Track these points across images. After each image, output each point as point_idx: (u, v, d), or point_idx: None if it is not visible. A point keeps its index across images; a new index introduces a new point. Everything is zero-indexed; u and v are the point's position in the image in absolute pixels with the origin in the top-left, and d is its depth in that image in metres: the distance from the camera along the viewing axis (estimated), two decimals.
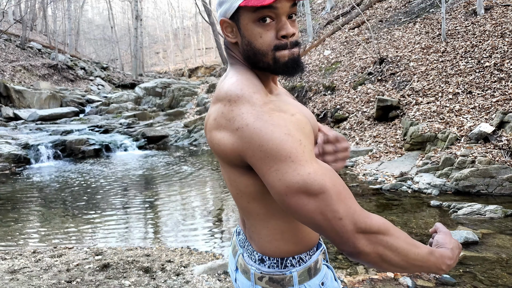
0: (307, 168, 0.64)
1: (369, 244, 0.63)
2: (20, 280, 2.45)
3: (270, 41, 0.73)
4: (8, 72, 15.56)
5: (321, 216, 0.63)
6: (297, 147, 0.65)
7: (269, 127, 0.67)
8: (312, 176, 0.64)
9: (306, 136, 0.68)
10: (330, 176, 0.65)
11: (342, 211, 0.63)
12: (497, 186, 4.10)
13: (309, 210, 0.64)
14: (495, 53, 6.22)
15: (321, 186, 0.63)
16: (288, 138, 0.66)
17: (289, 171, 0.64)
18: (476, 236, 2.98)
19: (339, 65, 9.60)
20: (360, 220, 0.63)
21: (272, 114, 0.69)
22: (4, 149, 7.33)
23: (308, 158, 0.65)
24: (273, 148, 0.65)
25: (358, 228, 0.63)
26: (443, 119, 5.56)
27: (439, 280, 2.39)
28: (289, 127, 0.67)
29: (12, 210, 4.53)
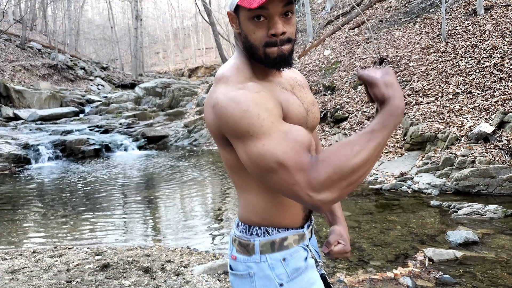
0: (263, 141, 0.70)
1: (330, 193, 0.66)
2: (20, 280, 2.45)
3: (261, 38, 0.79)
4: (8, 72, 15.56)
5: (280, 183, 0.69)
6: (255, 121, 0.71)
7: (231, 105, 0.73)
8: (265, 148, 0.69)
9: (266, 110, 0.73)
10: (286, 145, 0.69)
11: (298, 178, 0.67)
12: (497, 186, 4.10)
13: (271, 178, 0.70)
14: (495, 53, 6.22)
15: (274, 156, 0.68)
16: (246, 114, 0.71)
17: (249, 144, 0.71)
18: (476, 236, 2.98)
19: (339, 65, 9.60)
20: (313, 183, 0.65)
21: (237, 92, 0.75)
22: (4, 149, 7.32)
23: (266, 131, 0.70)
24: (235, 124, 0.72)
25: (313, 187, 0.65)
26: (443, 119, 5.56)
27: (439, 280, 2.39)
28: (249, 103, 0.73)
29: (12, 210, 4.53)
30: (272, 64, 0.81)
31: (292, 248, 0.88)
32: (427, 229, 3.31)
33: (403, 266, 2.60)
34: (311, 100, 0.95)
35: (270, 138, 0.70)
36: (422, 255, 2.72)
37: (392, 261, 2.72)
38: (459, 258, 2.65)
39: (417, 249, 2.87)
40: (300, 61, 11.45)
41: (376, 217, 3.71)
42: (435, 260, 2.63)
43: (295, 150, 0.68)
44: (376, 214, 3.79)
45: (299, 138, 0.72)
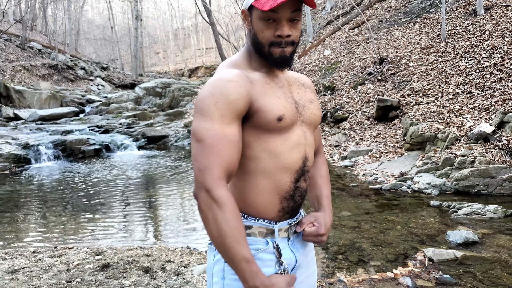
0: (206, 124, 0.82)
1: (204, 203, 0.79)
2: (20, 280, 2.46)
3: (268, 37, 0.89)
4: (8, 72, 15.56)
5: (193, 160, 0.83)
6: (211, 106, 0.83)
7: (206, 87, 0.86)
8: (203, 129, 0.82)
9: (226, 102, 0.83)
10: (218, 140, 0.81)
11: (203, 165, 0.81)
12: (497, 186, 4.10)
13: (192, 152, 0.84)
14: (495, 53, 6.22)
15: (202, 138, 0.82)
16: (209, 97, 0.84)
17: (197, 120, 0.84)
18: (476, 236, 2.98)
19: (339, 65, 9.60)
20: (208, 182, 0.79)
21: (217, 76, 0.88)
22: (4, 149, 7.32)
23: (214, 117, 0.82)
24: (200, 100, 0.85)
25: (205, 185, 0.79)
26: (443, 119, 5.56)
27: (439, 280, 2.39)
28: (216, 89, 0.84)
29: (12, 210, 4.53)
30: (273, 62, 0.91)
31: (253, 237, 0.90)
32: (427, 229, 3.31)
33: (403, 266, 2.60)
34: (309, 98, 1.01)
35: (211, 128, 0.81)
36: (422, 255, 2.73)
37: (392, 261, 2.72)
38: (459, 258, 2.65)
39: (417, 249, 2.87)
40: (300, 61, 11.45)
41: (376, 217, 3.71)
42: (435, 260, 2.63)
43: (223, 156, 0.81)
44: (376, 214, 3.79)
45: (225, 153, 0.81)
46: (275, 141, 0.90)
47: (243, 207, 0.92)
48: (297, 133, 0.94)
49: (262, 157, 0.90)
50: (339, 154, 6.46)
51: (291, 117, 0.91)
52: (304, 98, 0.99)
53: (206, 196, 0.79)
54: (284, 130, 0.91)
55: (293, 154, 0.92)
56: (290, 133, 0.92)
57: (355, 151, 6.17)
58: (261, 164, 0.90)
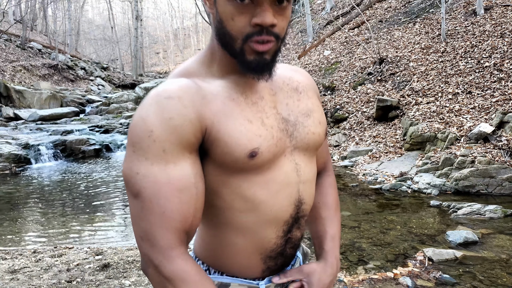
0: (141, 167, 0.57)
1: (157, 282, 0.59)
2: (20, 280, 2.46)
3: (241, 27, 0.59)
4: (9, 72, 15.57)
5: (132, 221, 0.60)
6: (143, 137, 0.57)
7: (138, 109, 0.60)
8: (138, 177, 0.57)
9: (166, 129, 0.57)
10: (159, 191, 0.56)
11: (144, 231, 0.58)
12: (496, 186, 4.10)
13: (129, 208, 0.60)
14: (495, 53, 6.22)
15: (138, 191, 0.57)
16: (140, 124, 0.57)
17: (127, 160, 0.59)
18: (476, 236, 2.99)
19: (339, 65, 9.60)
20: (155, 255, 0.57)
21: (152, 96, 0.60)
22: (5, 149, 7.33)
23: (150, 156, 0.56)
24: (129, 130, 0.60)
25: (151, 260, 0.58)
26: (442, 119, 5.56)
27: (439, 280, 2.40)
28: (150, 112, 0.57)
29: (12, 210, 4.53)
30: (247, 66, 0.61)
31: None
32: (427, 229, 3.31)
33: (403, 266, 2.61)
34: (304, 110, 0.71)
35: (148, 173, 0.56)
36: (422, 255, 2.73)
37: (392, 261, 2.72)
38: (458, 258, 2.65)
39: (417, 249, 2.87)
40: (300, 61, 11.46)
41: (376, 217, 3.71)
42: (434, 260, 2.63)
43: (157, 233, 0.57)
44: (376, 214, 3.79)
45: (174, 208, 0.57)
46: (252, 185, 0.64)
47: (217, 265, 0.71)
48: (285, 169, 0.67)
49: (236, 208, 0.65)
50: (339, 154, 6.47)
51: (271, 149, 0.63)
52: (296, 111, 0.69)
53: (155, 274, 0.58)
54: (264, 168, 0.64)
55: (280, 201, 0.66)
56: (273, 170, 0.65)
57: (355, 151, 6.18)
58: (236, 218, 0.65)
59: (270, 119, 0.65)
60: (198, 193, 0.60)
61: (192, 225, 0.60)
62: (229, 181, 0.63)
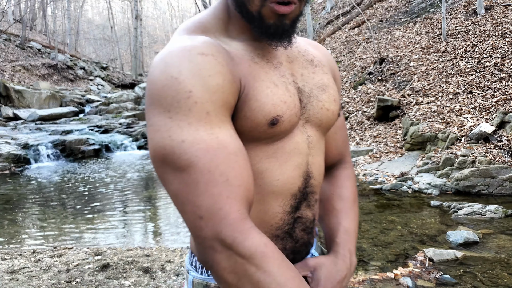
0: (185, 133, 0.48)
1: (229, 268, 0.47)
2: (19, 280, 2.45)
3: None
4: (8, 72, 15.55)
5: (180, 203, 0.48)
6: (181, 99, 0.48)
7: (160, 65, 0.50)
8: (185, 146, 0.47)
9: (206, 89, 0.49)
10: (216, 157, 0.48)
11: (206, 208, 0.47)
12: (497, 186, 4.10)
13: (171, 190, 0.49)
14: (496, 53, 6.22)
15: (190, 162, 0.47)
16: (173, 84, 0.48)
17: (162, 129, 0.49)
18: (477, 236, 2.98)
19: (339, 65, 9.60)
20: (228, 232, 0.47)
21: (174, 47, 0.52)
22: (4, 149, 7.32)
23: (193, 120, 0.48)
24: (154, 94, 0.50)
25: (221, 240, 0.47)
26: (443, 119, 5.56)
27: (439, 280, 2.39)
28: (184, 68, 0.49)
29: (12, 210, 4.53)
30: (264, 31, 0.55)
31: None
32: (428, 229, 3.31)
33: (403, 266, 2.60)
34: (320, 83, 0.65)
35: (196, 140, 0.48)
36: (422, 255, 2.72)
37: (392, 261, 2.71)
38: (459, 258, 2.65)
39: (417, 249, 2.87)
40: None
41: (376, 217, 3.70)
42: (435, 260, 2.63)
43: (226, 204, 0.47)
44: (376, 214, 3.79)
45: (235, 174, 0.49)
46: (258, 153, 0.58)
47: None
48: (297, 139, 0.61)
49: None
50: None
51: (292, 119, 0.57)
52: (311, 83, 0.63)
53: (228, 257, 0.47)
54: (276, 138, 0.58)
55: (288, 171, 0.60)
56: (285, 140, 0.60)
57: (355, 151, 6.17)
58: None
59: (291, 86, 0.59)
60: (247, 157, 0.53)
61: (253, 193, 0.52)
62: None
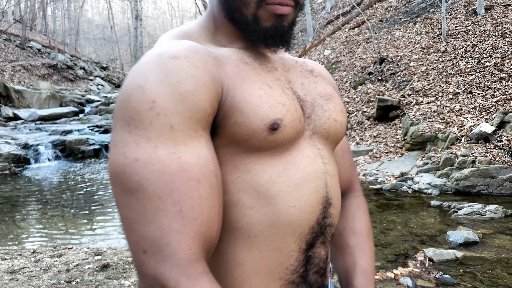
0: (141, 151, 0.41)
1: None
2: (19, 280, 2.45)
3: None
4: (8, 72, 15.55)
5: (126, 231, 0.41)
6: (143, 110, 0.41)
7: (130, 74, 0.45)
8: (137, 165, 0.40)
9: (172, 97, 0.42)
10: (172, 181, 0.40)
11: (151, 241, 0.39)
12: (497, 186, 4.10)
13: (120, 214, 0.42)
14: (496, 53, 6.22)
15: (139, 185, 0.40)
16: (137, 93, 0.42)
17: (119, 145, 0.42)
18: (477, 236, 2.98)
19: (339, 64, 9.60)
20: (171, 274, 0.39)
21: (152, 57, 0.45)
22: (4, 149, 7.32)
23: (154, 135, 0.41)
24: (118, 105, 0.44)
25: (162, 282, 0.39)
26: (443, 119, 5.56)
27: (439, 280, 2.39)
28: (152, 75, 0.42)
29: (12, 210, 4.52)
30: (261, 35, 0.50)
31: None
32: (428, 229, 3.31)
33: (403, 266, 2.60)
34: (323, 92, 0.58)
35: (152, 159, 0.40)
36: (423, 255, 2.72)
37: (392, 261, 2.71)
38: (459, 258, 2.65)
39: (417, 249, 2.87)
40: None
41: (376, 217, 3.70)
42: (435, 260, 2.63)
43: (174, 239, 0.39)
44: (376, 214, 3.79)
45: (193, 205, 0.41)
46: (267, 169, 0.48)
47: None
48: (307, 152, 0.52)
49: (244, 204, 0.48)
50: None
51: (295, 124, 0.49)
52: (313, 92, 0.57)
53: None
54: (283, 149, 0.49)
55: (305, 195, 0.50)
56: (293, 152, 0.50)
57: (355, 151, 6.17)
58: (244, 218, 0.48)
59: (288, 90, 0.52)
60: (219, 184, 0.44)
61: (216, 232, 0.43)
62: (237, 164, 0.47)
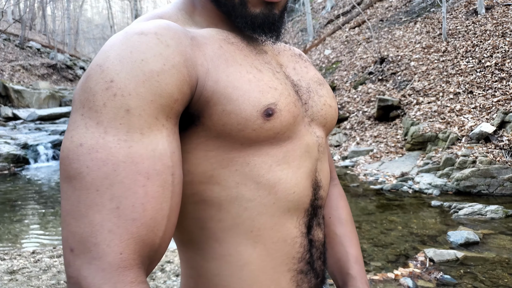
0: (88, 135, 0.36)
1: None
2: (19, 281, 2.44)
3: None
4: (7, 71, 15.54)
5: (61, 222, 0.37)
6: (98, 91, 0.36)
7: (99, 53, 0.40)
8: (79, 151, 0.36)
9: (132, 77, 0.36)
10: (114, 173, 0.35)
11: (79, 239, 0.34)
12: (498, 186, 4.09)
13: (62, 200, 0.38)
14: (496, 53, 6.21)
15: (78, 173, 0.36)
16: (95, 73, 0.37)
17: (69, 129, 0.38)
18: (477, 236, 2.98)
19: (340, 64, 9.59)
20: (94, 280, 0.33)
21: (118, 35, 0.40)
22: (3, 149, 7.31)
23: (105, 118, 0.36)
24: (78, 88, 0.39)
25: (83, 285, 0.34)
26: (444, 119, 5.55)
27: (440, 280, 2.38)
28: (113, 53, 0.37)
29: (11, 210, 4.52)
30: (250, 23, 0.45)
31: None
32: (428, 229, 3.30)
33: (403, 267, 2.59)
34: (315, 78, 0.55)
35: (98, 145, 0.36)
36: (423, 256, 2.72)
37: (392, 261, 2.71)
38: (460, 259, 2.64)
39: (418, 249, 2.86)
40: None
41: (376, 217, 3.70)
42: (435, 260, 2.62)
43: (104, 239, 0.34)
44: (376, 215, 3.78)
45: (133, 203, 0.35)
46: (266, 158, 0.45)
47: None
48: (307, 140, 0.49)
49: (244, 197, 0.44)
50: (339, 154, 6.45)
51: (290, 109, 0.45)
52: (306, 77, 0.53)
53: None
54: (283, 137, 0.46)
55: (302, 180, 0.48)
56: (293, 140, 0.47)
57: (355, 151, 6.16)
58: (246, 212, 0.44)
59: (280, 74, 0.47)
60: (175, 185, 0.38)
61: (162, 239, 0.37)
62: (234, 157, 0.43)
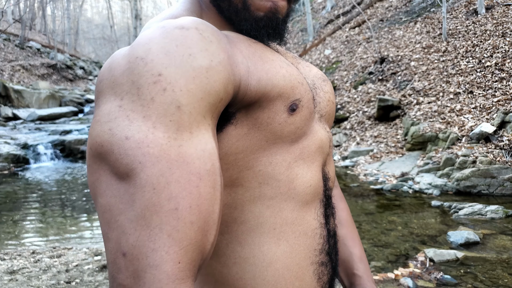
0: (134, 128, 0.32)
1: None
2: (19, 281, 2.44)
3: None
4: (7, 71, 15.54)
5: (105, 224, 0.33)
6: (144, 84, 0.33)
7: (121, 52, 0.38)
8: (127, 145, 0.32)
9: (183, 72, 0.34)
10: (169, 171, 0.32)
11: (133, 243, 0.31)
12: (498, 186, 4.09)
13: (101, 204, 0.33)
14: (496, 53, 6.21)
15: (130, 169, 0.31)
16: (137, 66, 0.34)
17: (103, 120, 0.34)
18: (477, 236, 2.97)
19: (340, 64, 9.59)
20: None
21: (156, 29, 0.37)
22: (3, 149, 7.31)
23: (153, 113, 0.33)
24: (106, 83, 0.36)
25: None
26: (444, 119, 5.55)
27: (440, 280, 2.38)
28: (155, 44, 0.35)
29: (11, 210, 4.52)
30: (254, 26, 0.45)
31: None
32: (428, 229, 3.30)
33: (404, 267, 2.59)
34: (318, 75, 0.56)
35: (149, 141, 0.32)
36: (423, 256, 2.71)
37: (392, 261, 2.71)
38: (460, 259, 2.64)
39: (418, 249, 2.86)
40: None
41: (376, 217, 3.70)
42: (436, 260, 2.62)
43: (162, 247, 0.30)
44: (376, 215, 3.78)
45: (189, 204, 0.32)
46: (286, 156, 0.45)
47: None
48: (320, 135, 0.49)
49: (267, 195, 0.43)
50: (340, 154, 6.45)
51: (309, 105, 0.46)
52: (310, 74, 0.54)
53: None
54: (302, 132, 0.46)
55: (316, 172, 0.48)
56: (309, 137, 0.47)
57: (356, 151, 6.16)
58: (268, 209, 0.43)
59: (295, 69, 0.48)
60: (222, 185, 0.36)
61: (212, 245, 0.34)
62: (258, 157, 0.42)
